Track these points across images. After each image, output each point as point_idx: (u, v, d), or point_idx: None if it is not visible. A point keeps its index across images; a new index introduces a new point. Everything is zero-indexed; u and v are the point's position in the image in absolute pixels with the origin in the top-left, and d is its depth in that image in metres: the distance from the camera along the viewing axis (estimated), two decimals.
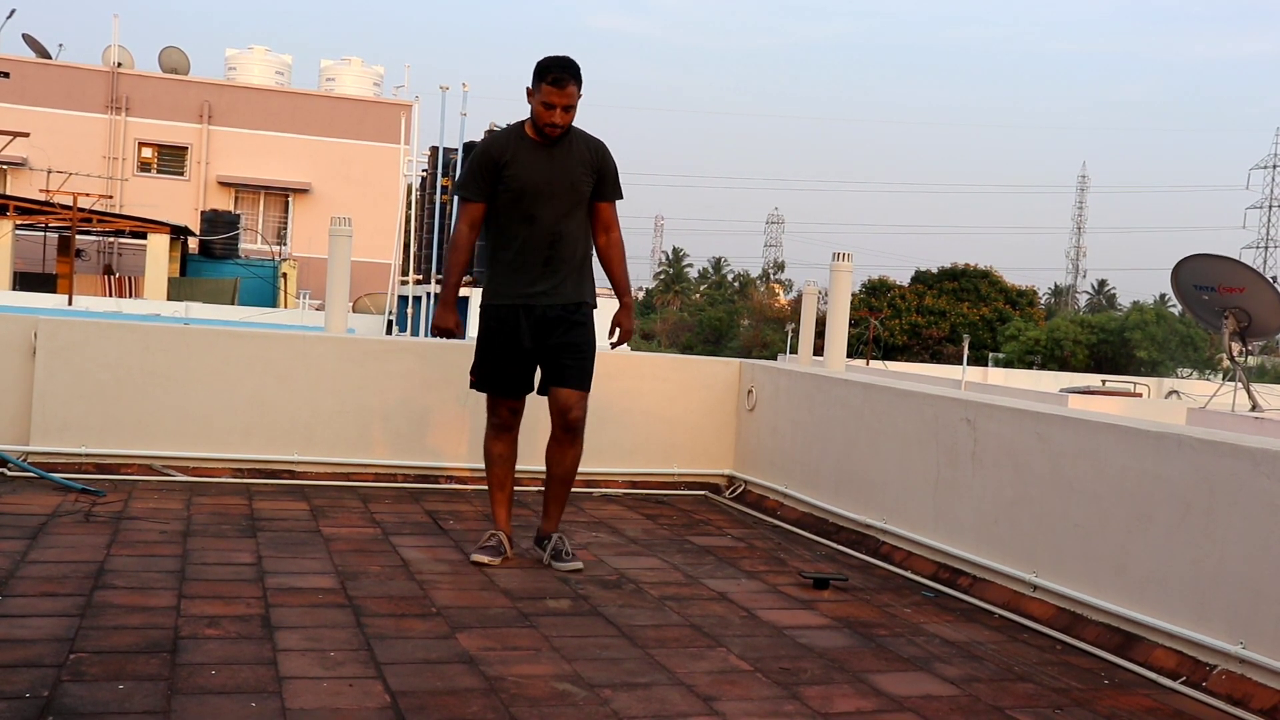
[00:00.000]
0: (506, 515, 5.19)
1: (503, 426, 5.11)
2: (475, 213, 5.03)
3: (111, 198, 30.87)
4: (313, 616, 4.07)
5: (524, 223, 4.95)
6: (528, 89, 4.90)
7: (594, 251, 5.16)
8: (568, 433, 5.06)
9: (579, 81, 4.87)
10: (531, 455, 5.83)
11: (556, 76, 4.82)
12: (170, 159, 34.16)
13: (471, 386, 5.16)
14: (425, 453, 6.86)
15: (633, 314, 5.27)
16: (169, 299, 23.26)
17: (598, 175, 5.04)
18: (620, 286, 5.23)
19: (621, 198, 5.16)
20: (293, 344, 6.78)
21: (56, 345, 6.34)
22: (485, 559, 5.00)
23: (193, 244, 29.54)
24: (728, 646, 4.07)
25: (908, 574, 5.39)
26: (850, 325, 11.35)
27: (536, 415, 5.48)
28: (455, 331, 5.10)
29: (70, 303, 19.92)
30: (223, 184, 34.15)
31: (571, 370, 4.99)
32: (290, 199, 34.92)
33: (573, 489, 6.71)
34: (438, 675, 3.55)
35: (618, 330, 5.22)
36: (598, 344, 5.16)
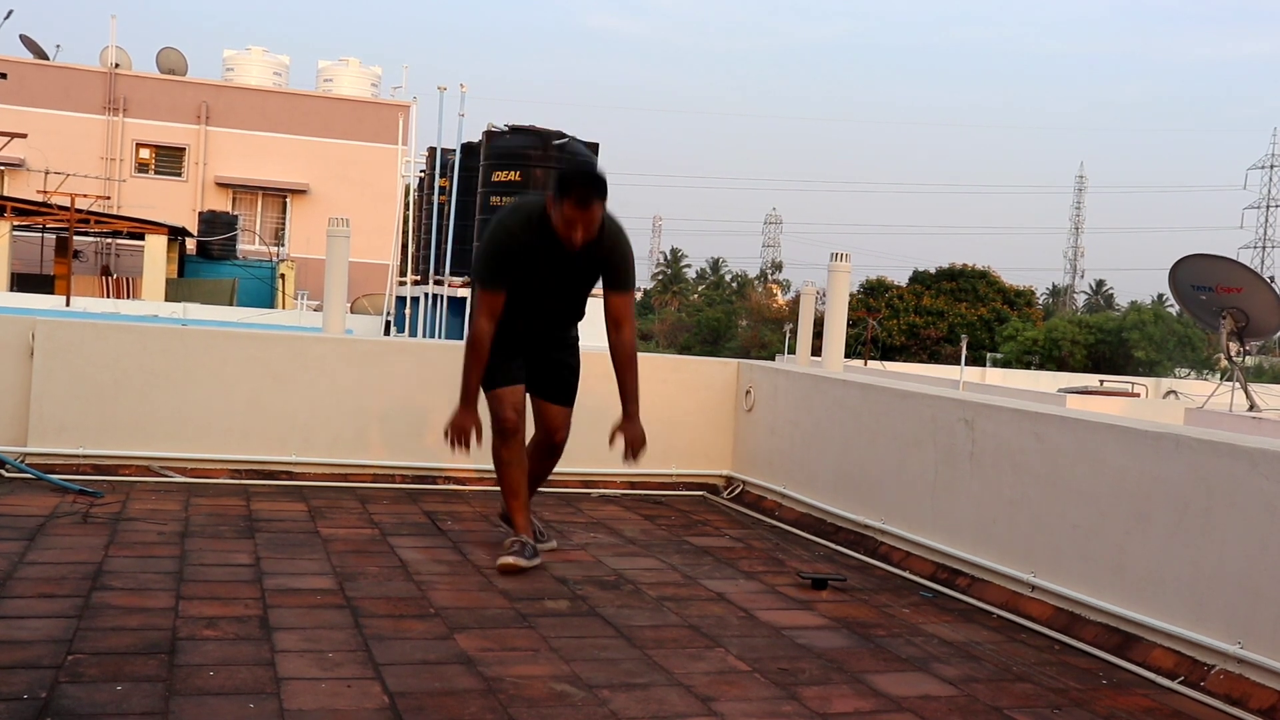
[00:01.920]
0: (526, 520, 5.08)
1: (509, 431, 4.96)
2: (497, 304, 4.72)
3: (109, 198, 30.84)
4: (311, 617, 4.07)
5: (531, 303, 4.89)
6: (548, 194, 4.60)
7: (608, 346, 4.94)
8: (552, 454, 5.19)
9: (604, 197, 4.58)
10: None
11: (581, 196, 4.50)
12: (168, 160, 34.15)
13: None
14: (423, 453, 6.86)
15: (638, 423, 4.90)
16: (167, 300, 23.22)
17: (609, 265, 4.79)
18: (628, 394, 4.87)
19: (634, 287, 4.90)
20: (291, 345, 6.78)
21: (54, 346, 6.34)
22: (517, 560, 4.84)
23: (190, 245, 29.51)
24: (726, 647, 4.07)
25: (906, 574, 5.40)
26: (848, 325, 11.36)
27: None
28: (475, 435, 4.82)
29: (68, 304, 19.90)
30: (220, 185, 34.14)
31: (561, 387, 5.09)
32: (288, 200, 34.91)
33: (571, 490, 6.76)
34: (436, 676, 3.55)
35: (619, 438, 4.90)
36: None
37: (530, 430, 5.21)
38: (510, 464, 5.02)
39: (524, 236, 4.65)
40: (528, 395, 5.12)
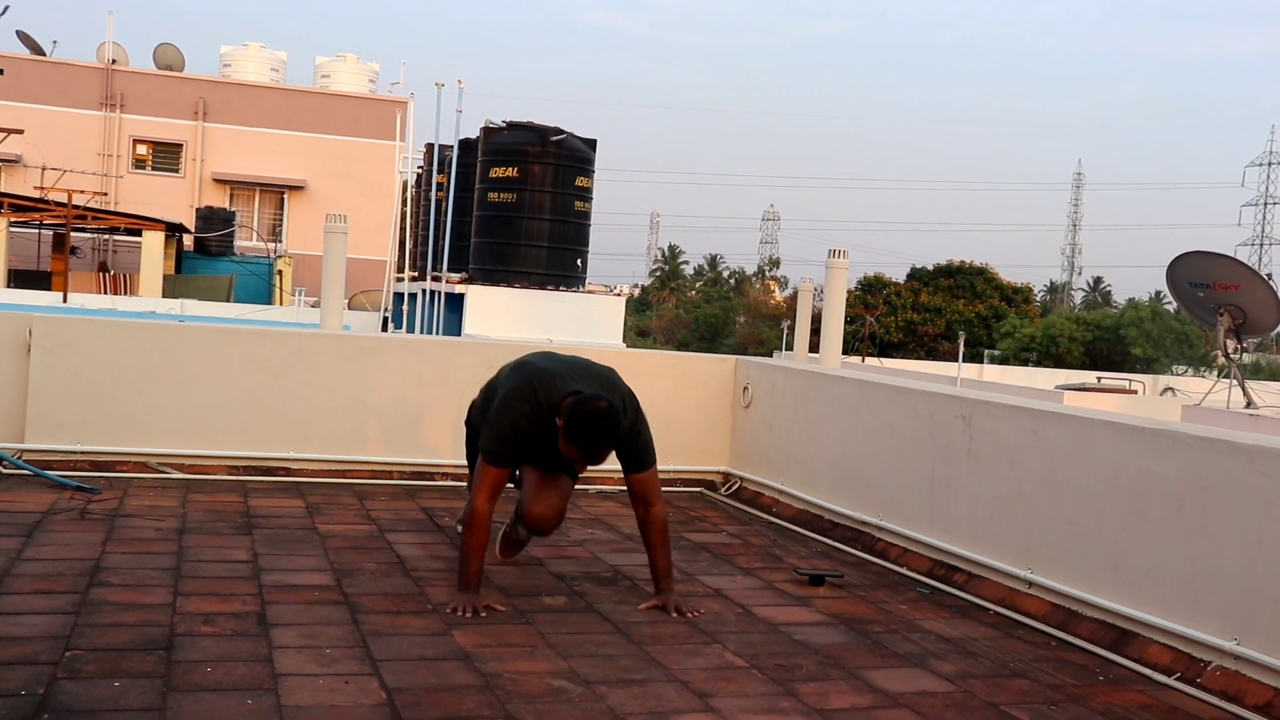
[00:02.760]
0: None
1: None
2: (500, 482, 4.44)
3: (106, 195, 30.80)
4: (308, 614, 4.07)
5: (536, 462, 4.73)
6: (559, 422, 4.32)
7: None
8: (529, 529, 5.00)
9: (616, 442, 4.35)
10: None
11: (590, 451, 4.29)
12: (165, 156, 34.11)
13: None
14: (421, 449, 6.86)
15: (673, 594, 4.52)
16: (164, 296, 23.19)
17: (625, 454, 4.50)
18: (662, 571, 4.53)
19: (652, 465, 4.54)
20: (288, 341, 6.78)
21: (51, 343, 6.33)
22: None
23: (188, 241, 29.48)
24: (723, 643, 4.08)
25: (903, 571, 5.40)
26: (846, 322, 11.35)
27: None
28: (480, 612, 4.27)
29: (65, 300, 19.86)
30: (218, 181, 34.10)
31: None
32: (286, 196, 34.89)
33: None
34: (434, 672, 3.55)
35: (654, 610, 4.46)
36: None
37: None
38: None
39: (534, 431, 4.43)
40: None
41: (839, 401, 6.32)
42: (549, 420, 4.40)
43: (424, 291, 19.65)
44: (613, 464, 4.71)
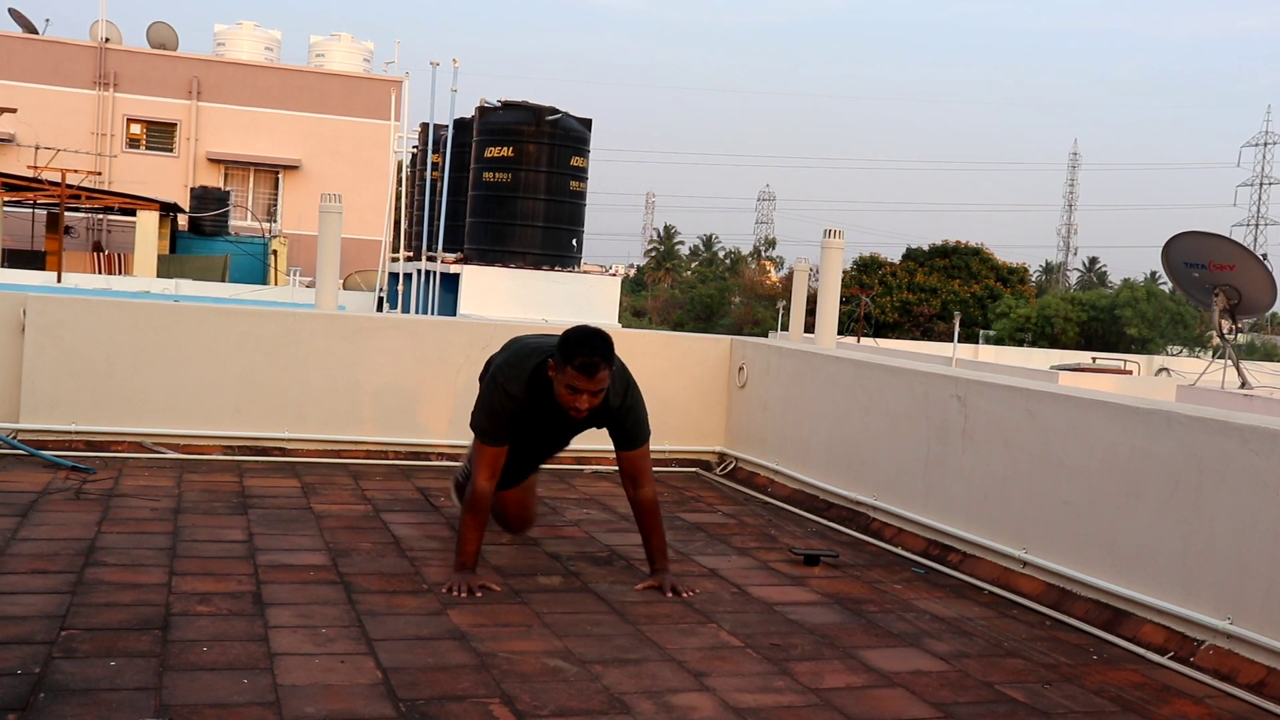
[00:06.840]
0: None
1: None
2: (499, 461, 4.38)
3: (100, 174, 30.70)
4: (304, 593, 4.07)
5: (527, 443, 4.63)
6: (551, 361, 4.26)
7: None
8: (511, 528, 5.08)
9: (610, 362, 4.21)
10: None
11: (585, 362, 4.13)
12: (159, 135, 34.00)
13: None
14: (416, 430, 6.86)
15: (668, 574, 4.50)
16: (159, 276, 23.15)
17: (617, 426, 4.44)
18: (656, 550, 4.49)
19: (644, 443, 4.48)
20: (283, 321, 6.77)
21: (46, 322, 6.32)
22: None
23: (182, 221, 29.42)
24: (718, 623, 4.08)
25: (898, 550, 5.41)
26: (841, 302, 11.34)
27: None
28: (476, 592, 4.25)
29: (59, 280, 19.83)
30: (212, 160, 34.01)
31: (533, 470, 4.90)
32: (280, 175, 34.79)
33: (564, 466, 6.77)
34: (429, 651, 3.56)
35: (650, 591, 4.44)
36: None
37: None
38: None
39: (523, 399, 4.35)
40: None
41: (834, 381, 6.32)
42: (541, 379, 4.32)
43: (419, 271, 19.62)
44: (603, 442, 4.70)
